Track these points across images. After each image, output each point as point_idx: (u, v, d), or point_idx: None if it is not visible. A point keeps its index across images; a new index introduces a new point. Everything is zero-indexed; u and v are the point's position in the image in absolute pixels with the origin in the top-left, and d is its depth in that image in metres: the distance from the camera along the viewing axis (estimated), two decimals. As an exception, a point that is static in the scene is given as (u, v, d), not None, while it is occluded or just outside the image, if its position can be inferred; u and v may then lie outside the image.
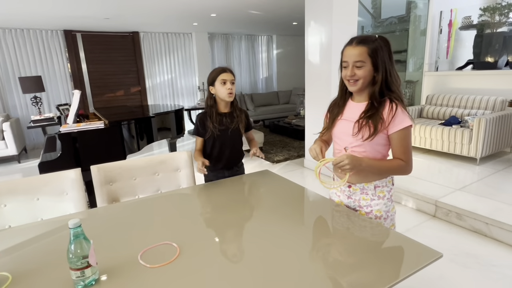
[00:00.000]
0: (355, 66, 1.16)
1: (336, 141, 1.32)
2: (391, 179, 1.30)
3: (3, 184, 1.42)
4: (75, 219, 0.83)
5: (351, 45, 1.17)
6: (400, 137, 1.16)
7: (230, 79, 1.66)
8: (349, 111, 1.26)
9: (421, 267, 0.92)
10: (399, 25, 5.55)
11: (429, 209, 2.71)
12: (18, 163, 4.89)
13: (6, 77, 5.39)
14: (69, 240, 0.84)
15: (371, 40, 1.15)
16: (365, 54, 1.14)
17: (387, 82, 1.16)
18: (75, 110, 2.51)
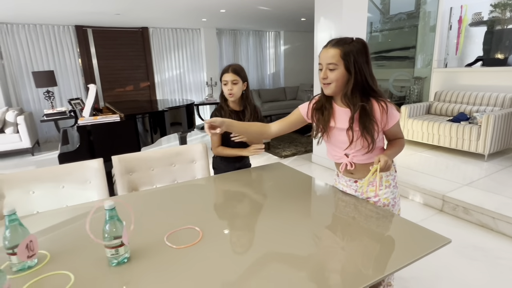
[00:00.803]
0: (328, 68, 1.17)
1: (335, 148, 1.34)
2: (394, 167, 1.36)
3: (31, 172, 1.50)
4: (110, 201, 0.91)
5: (326, 47, 1.18)
6: (395, 126, 1.25)
7: (231, 79, 1.68)
8: (339, 118, 1.26)
9: (430, 252, 0.97)
10: (408, 21, 5.53)
11: (436, 203, 2.75)
12: (31, 155, 5.01)
13: (19, 72, 5.51)
14: (105, 220, 0.91)
15: (346, 42, 1.15)
16: (337, 57, 1.14)
17: (367, 83, 1.16)
18: (92, 104, 2.59)
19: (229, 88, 1.69)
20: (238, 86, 1.71)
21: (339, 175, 1.43)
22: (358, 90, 1.17)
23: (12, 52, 5.39)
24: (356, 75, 1.15)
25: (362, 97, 1.18)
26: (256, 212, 1.29)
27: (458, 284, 1.83)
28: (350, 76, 1.15)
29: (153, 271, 0.91)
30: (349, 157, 1.30)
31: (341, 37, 1.18)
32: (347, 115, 1.22)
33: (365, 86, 1.17)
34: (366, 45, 1.16)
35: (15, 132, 4.83)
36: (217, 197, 1.51)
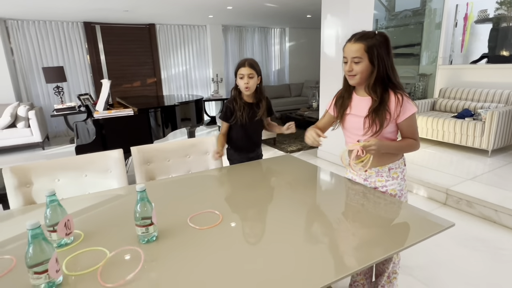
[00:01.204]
0: (353, 61, 1.25)
1: (348, 134, 1.44)
2: (403, 160, 1.42)
3: (57, 161, 1.59)
4: (141, 184, 0.99)
5: (350, 41, 1.27)
6: (409, 123, 1.29)
7: (247, 73, 1.74)
8: (355, 106, 1.36)
9: (435, 233, 1.05)
10: (413, 18, 5.56)
11: (440, 197, 2.82)
12: (42, 149, 5.12)
13: (29, 67, 5.61)
14: (136, 201, 0.99)
15: (369, 36, 1.23)
16: (361, 51, 1.22)
17: (388, 76, 1.25)
18: (105, 98, 2.68)
19: (245, 81, 1.75)
20: (254, 80, 1.77)
21: (351, 164, 1.50)
22: (379, 81, 1.26)
23: (22, 48, 5.49)
24: (379, 67, 1.23)
25: (382, 88, 1.26)
26: (269, 199, 1.37)
27: (459, 272, 1.90)
28: (373, 68, 1.24)
29: (179, 248, 0.99)
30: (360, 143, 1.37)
31: (364, 32, 1.25)
32: (366, 104, 1.30)
33: (386, 78, 1.25)
34: (388, 39, 1.25)
35: (27, 126, 4.93)
36: (232, 186, 1.59)
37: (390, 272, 1.54)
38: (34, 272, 0.78)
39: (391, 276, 1.55)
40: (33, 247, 0.77)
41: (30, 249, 0.77)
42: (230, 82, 7.64)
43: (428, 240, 2.27)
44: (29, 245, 0.77)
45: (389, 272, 1.53)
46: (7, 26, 5.34)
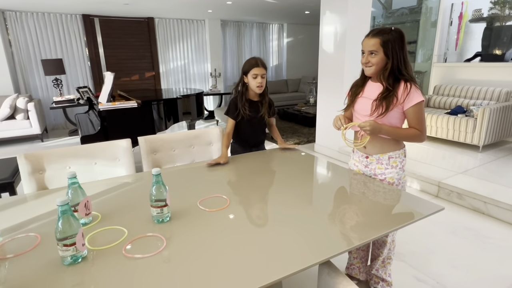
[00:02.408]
0: (369, 54, 1.39)
1: (357, 116, 1.54)
2: (404, 151, 1.51)
3: (68, 149, 1.65)
4: (157, 168, 1.06)
5: (368, 36, 1.40)
6: (415, 111, 1.38)
7: (261, 73, 1.81)
8: (368, 89, 1.49)
9: (426, 216, 1.14)
10: (410, 16, 5.65)
11: (432, 189, 2.93)
12: (41, 141, 5.15)
13: (28, 59, 5.60)
14: (152, 184, 1.07)
15: (386, 32, 1.36)
16: (377, 45, 1.36)
17: (399, 68, 1.37)
18: (109, 90, 2.73)
19: (259, 81, 1.80)
20: (265, 79, 1.84)
21: (355, 151, 1.59)
22: (393, 72, 1.37)
23: (21, 40, 5.48)
24: (393, 60, 1.35)
25: (394, 78, 1.38)
26: (273, 185, 1.45)
27: (448, 257, 2.02)
28: (388, 60, 1.36)
29: (191, 228, 1.07)
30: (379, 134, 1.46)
31: (381, 28, 1.38)
32: (377, 89, 1.43)
33: (399, 70, 1.37)
34: (403, 35, 1.36)
35: (26, 118, 4.95)
36: (236, 174, 1.67)
37: (385, 257, 1.64)
38: (63, 245, 0.85)
39: (386, 261, 1.65)
40: (62, 222, 0.85)
41: (60, 224, 0.85)
42: (228, 77, 7.69)
43: (421, 229, 2.39)
44: (59, 220, 0.85)
45: (384, 257, 1.63)
46: (5, 18, 5.32)
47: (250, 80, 1.83)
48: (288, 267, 0.86)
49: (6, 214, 1.20)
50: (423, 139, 1.42)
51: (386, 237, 1.56)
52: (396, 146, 1.47)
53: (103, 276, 0.84)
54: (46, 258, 0.92)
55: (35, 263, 0.90)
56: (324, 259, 0.91)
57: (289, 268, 0.86)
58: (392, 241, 1.61)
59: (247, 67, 1.82)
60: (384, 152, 1.47)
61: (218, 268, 0.87)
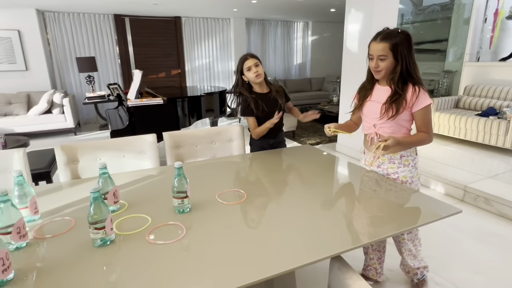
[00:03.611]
0: (378, 59, 1.37)
1: (365, 119, 1.55)
2: (415, 149, 1.51)
3: (99, 142, 1.77)
4: (179, 162, 1.13)
5: (375, 40, 1.37)
6: (423, 113, 1.38)
7: (253, 63, 1.84)
8: (376, 93, 1.49)
9: (441, 218, 1.13)
10: (441, 13, 5.44)
11: (457, 193, 2.84)
12: (74, 135, 5.46)
13: (64, 57, 5.95)
14: (174, 177, 1.14)
15: (394, 35, 1.33)
16: (387, 49, 1.34)
17: (408, 71, 1.36)
18: (137, 87, 2.87)
19: (255, 71, 1.84)
20: (260, 67, 1.87)
21: (365, 152, 1.60)
22: (400, 76, 1.37)
23: (58, 39, 5.83)
24: (402, 63, 1.34)
25: (402, 81, 1.37)
26: (289, 182, 1.49)
27: (471, 263, 1.96)
28: (397, 64, 1.35)
29: (209, 219, 1.13)
30: (376, 127, 1.47)
31: (389, 31, 1.36)
32: (386, 92, 1.42)
33: (406, 73, 1.36)
34: (410, 37, 1.35)
35: (61, 112, 5.27)
36: (255, 170, 1.72)
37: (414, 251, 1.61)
38: (94, 228, 0.94)
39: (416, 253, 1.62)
40: (94, 207, 0.93)
41: (92, 209, 0.94)
42: (252, 75, 7.75)
43: (443, 233, 2.34)
44: (91, 206, 0.93)
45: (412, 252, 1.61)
46: (44, 18, 5.68)
47: (247, 74, 1.86)
48: (300, 259, 0.90)
49: (45, 199, 1.32)
50: (431, 141, 1.43)
51: (403, 234, 1.55)
52: None
53: (128, 259, 0.92)
54: (79, 240, 1.01)
55: (69, 244, 1.00)
56: (335, 253, 0.94)
57: (301, 260, 0.90)
58: (416, 236, 1.60)
59: (240, 65, 1.87)
60: (395, 151, 1.46)
61: (233, 256, 0.92)
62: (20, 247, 0.97)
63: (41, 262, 0.92)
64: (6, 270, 0.81)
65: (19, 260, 0.92)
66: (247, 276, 0.84)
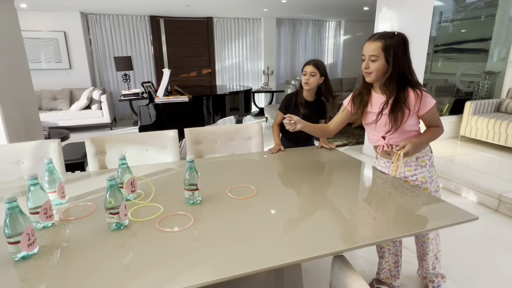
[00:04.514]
0: (370, 59, 1.31)
1: (372, 132, 1.49)
2: (429, 148, 1.46)
3: (125, 136, 1.89)
4: (191, 156, 1.19)
5: (369, 40, 1.32)
6: (430, 114, 1.34)
7: (310, 71, 1.89)
8: (375, 104, 1.41)
9: (455, 223, 1.08)
10: (485, 10, 5.09)
11: (491, 202, 2.66)
12: (110, 129, 5.81)
13: (103, 57, 6.34)
14: (186, 169, 1.20)
15: (388, 36, 1.27)
16: (378, 49, 1.27)
17: (404, 74, 1.29)
18: (165, 85, 3.00)
19: (307, 78, 1.90)
20: (315, 78, 1.90)
21: (378, 157, 1.56)
22: (395, 79, 1.31)
23: (98, 39, 6.23)
24: (394, 66, 1.28)
25: (398, 86, 1.31)
26: (303, 181, 1.50)
27: (500, 277, 1.84)
28: (388, 67, 1.29)
29: (218, 212, 1.18)
30: (385, 139, 1.43)
31: (384, 32, 1.31)
32: (382, 101, 1.36)
33: (403, 76, 1.30)
34: (406, 39, 1.29)
35: (99, 108, 5.63)
36: (269, 168, 1.74)
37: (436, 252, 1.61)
38: (110, 213, 1.02)
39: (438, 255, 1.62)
40: (110, 193, 1.01)
41: (108, 195, 1.01)
42: (281, 75, 7.75)
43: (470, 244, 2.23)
44: (107, 192, 1.01)
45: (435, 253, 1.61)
46: (87, 20, 6.09)
47: (302, 77, 1.94)
48: (302, 253, 0.92)
49: (73, 186, 1.44)
50: (443, 131, 1.40)
51: (426, 234, 1.52)
52: None
53: (139, 243, 0.99)
54: (97, 224, 1.10)
55: (88, 227, 1.09)
56: (336, 251, 0.94)
57: (303, 254, 0.91)
58: (437, 235, 1.58)
59: (303, 66, 1.95)
60: (415, 153, 1.41)
61: (239, 246, 0.95)
62: (46, 226, 1.08)
63: (64, 241, 1.02)
64: (31, 244, 0.91)
65: (45, 238, 1.02)
66: (248, 265, 0.86)
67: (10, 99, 2.17)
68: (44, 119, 5.14)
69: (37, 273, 0.87)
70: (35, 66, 5.74)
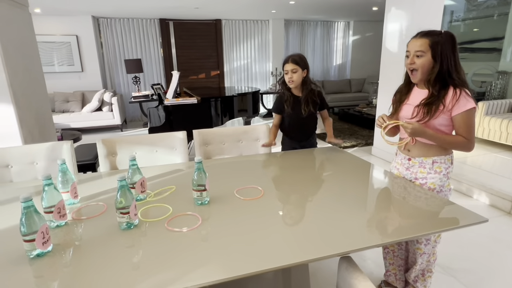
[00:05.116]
0: (415, 55, 1.30)
1: None
2: (451, 158, 1.41)
3: (135, 137, 1.93)
4: (199, 157, 1.21)
5: (415, 37, 1.32)
6: (463, 118, 1.28)
7: (290, 68, 1.89)
8: (413, 96, 1.41)
9: (465, 225, 1.07)
10: (497, 8, 5.01)
11: (504, 205, 2.60)
12: (121, 131, 5.90)
13: (114, 59, 6.45)
14: (194, 170, 1.22)
15: (435, 34, 1.27)
16: (425, 45, 1.27)
17: (449, 72, 1.27)
18: (174, 87, 3.04)
19: (290, 76, 1.90)
20: (297, 74, 1.90)
21: (397, 153, 1.54)
22: (440, 78, 1.29)
23: (109, 42, 6.34)
24: (442, 64, 1.27)
25: (442, 84, 1.29)
26: (311, 182, 1.50)
27: (511, 281, 1.80)
28: (435, 64, 1.28)
29: (226, 212, 1.19)
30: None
31: (430, 30, 1.30)
32: (422, 95, 1.35)
33: (449, 75, 1.28)
34: (454, 37, 1.28)
35: (110, 110, 5.73)
36: (277, 169, 1.76)
37: (425, 269, 1.55)
38: (120, 213, 1.05)
39: (426, 274, 1.56)
40: (121, 194, 1.04)
41: (118, 195, 1.04)
42: (289, 76, 7.75)
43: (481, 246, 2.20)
44: (118, 192, 1.04)
45: (423, 269, 1.55)
46: (98, 23, 6.21)
47: (284, 76, 1.94)
48: (308, 254, 0.92)
49: (86, 186, 1.48)
50: (471, 149, 1.32)
51: (420, 244, 1.47)
52: (442, 151, 1.38)
53: (148, 242, 1.01)
54: (108, 223, 1.13)
55: (100, 226, 1.12)
56: (342, 252, 0.94)
57: (309, 255, 0.92)
58: (433, 254, 1.51)
59: (282, 64, 1.94)
60: (428, 156, 1.39)
61: (246, 246, 0.97)
62: (60, 225, 1.11)
63: (76, 240, 1.05)
64: (46, 242, 0.94)
65: (58, 237, 1.05)
66: (255, 264, 0.88)
67: (25, 102, 2.24)
68: (57, 121, 5.26)
69: (51, 270, 0.90)
70: (48, 69, 5.89)
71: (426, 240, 1.45)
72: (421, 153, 1.40)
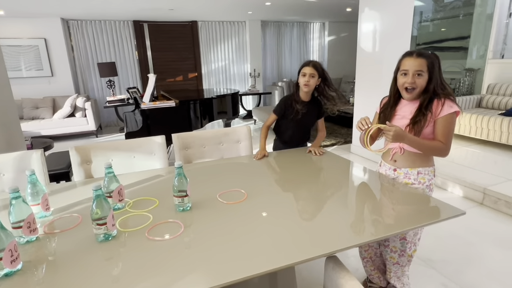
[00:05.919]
0: (416, 74, 1.32)
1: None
2: (433, 170, 1.44)
3: (111, 143, 1.85)
4: (179, 162, 1.17)
5: (411, 56, 1.34)
6: (444, 121, 1.32)
7: (309, 72, 1.85)
8: (402, 108, 1.43)
9: (444, 219, 1.10)
10: (463, 9, 5.24)
11: (476, 196, 2.72)
12: (96, 137, 5.69)
13: (86, 63, 6.22)
14: (174, 175, 1.18)
15: (428, 55, 1.33)
16: (424, 65, 1.31)
17: (435, 89, 1.33)
18: (151, 91, 2.96)
19: (306, 79, 1.85)
20: (314, 79, 1.87)
21: (382, 164, 1.56)
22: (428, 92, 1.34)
23: (81, 45, 6.10)
24: (432, 82, 1.32)
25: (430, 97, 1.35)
26: (293, 182, 1.49)
27: (489, 269, 1.88)
28: (429, 84, 1.33)
29: (209, 217, 1.16)
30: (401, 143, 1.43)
31: (422, 50, 1.35)
32: (411, 107, 1.39)
33: (434, 92, 1.34)
34: (439, 58, 1.35)
35: (83, 116, 5.51)
36: (259, 170, 1.74)
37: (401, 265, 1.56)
38: (96, 224, 0.99)
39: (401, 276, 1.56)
40: (96, 204, 0.98)
41: (94, 206, 0.99)
42: (268, 77, 7.77)
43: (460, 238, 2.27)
44: (93, 203, 0.98)
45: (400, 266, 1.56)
46: (69, 26, 5.97)
47: (300, 78, 1.90)
48: (294, 256, 0.91)
49: (58, 197, 1.40)
50: (446, 154, 1.35)
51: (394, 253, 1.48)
52: (426, 163, 1.41)
53: (128, 253, 0.97)
54: (84, 235, 1.07)
55: (75, 239, 1.05)
56: (328, 253, 0.94)
57: (295, 257, 0.91)
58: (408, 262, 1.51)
59: (300, 67, 1.91)
60: (413, 166, 1.41)
61: (231, 252, 0.94)
62: (30, 240, 1.04)
63: (49, 255, 0.98)
64: (14, 261, 0.87)
65: (29, 253, 0.98)
66: (241, 270, 0.85)
67: (-11, 110, 2.10)
68: (26, 129, 4.99)
69: (22, 290, 0.83)
70: (14, 74, 5.58)
71: (400, 251, 1.46)
72: (407, 163, 1.42)
